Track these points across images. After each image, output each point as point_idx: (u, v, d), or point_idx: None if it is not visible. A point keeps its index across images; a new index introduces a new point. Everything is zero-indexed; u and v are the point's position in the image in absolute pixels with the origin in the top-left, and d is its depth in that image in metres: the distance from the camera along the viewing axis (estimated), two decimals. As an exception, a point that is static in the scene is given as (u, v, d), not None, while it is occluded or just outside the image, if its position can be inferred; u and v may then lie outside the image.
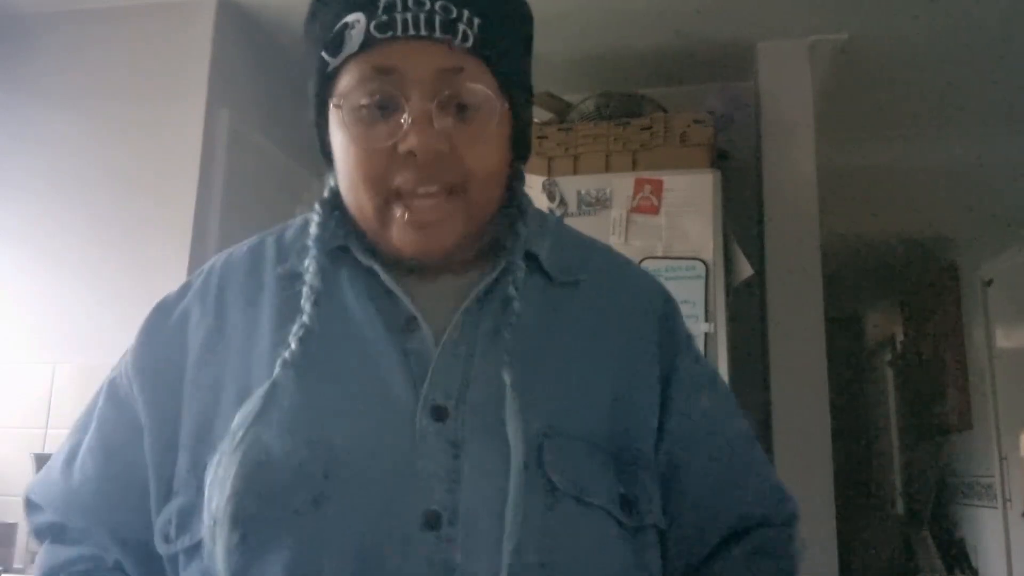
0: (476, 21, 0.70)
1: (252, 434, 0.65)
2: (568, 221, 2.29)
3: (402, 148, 0.69)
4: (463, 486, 0.65)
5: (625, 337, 0.77)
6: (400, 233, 0.72)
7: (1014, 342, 4.08)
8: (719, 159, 2.49)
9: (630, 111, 2.49)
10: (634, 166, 2.38)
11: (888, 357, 6.07)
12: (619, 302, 0.80)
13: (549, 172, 2.42)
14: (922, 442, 5.30)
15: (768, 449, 2.47)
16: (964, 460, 4.62)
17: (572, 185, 2.36)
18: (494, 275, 0.74)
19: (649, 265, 2.24)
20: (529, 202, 0.81)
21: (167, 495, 0.72)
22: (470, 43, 0.70)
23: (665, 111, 2.52)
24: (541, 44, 0.82)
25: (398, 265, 0.75)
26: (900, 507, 5.72)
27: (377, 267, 0.74)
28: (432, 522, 0.64)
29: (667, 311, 0.82)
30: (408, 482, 0.65)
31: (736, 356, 2.26)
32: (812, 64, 2.67)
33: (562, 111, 2.60)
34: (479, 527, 0.64)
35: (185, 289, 0.80)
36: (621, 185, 2.31)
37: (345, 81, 0.71)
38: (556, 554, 0.64)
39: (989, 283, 4.27)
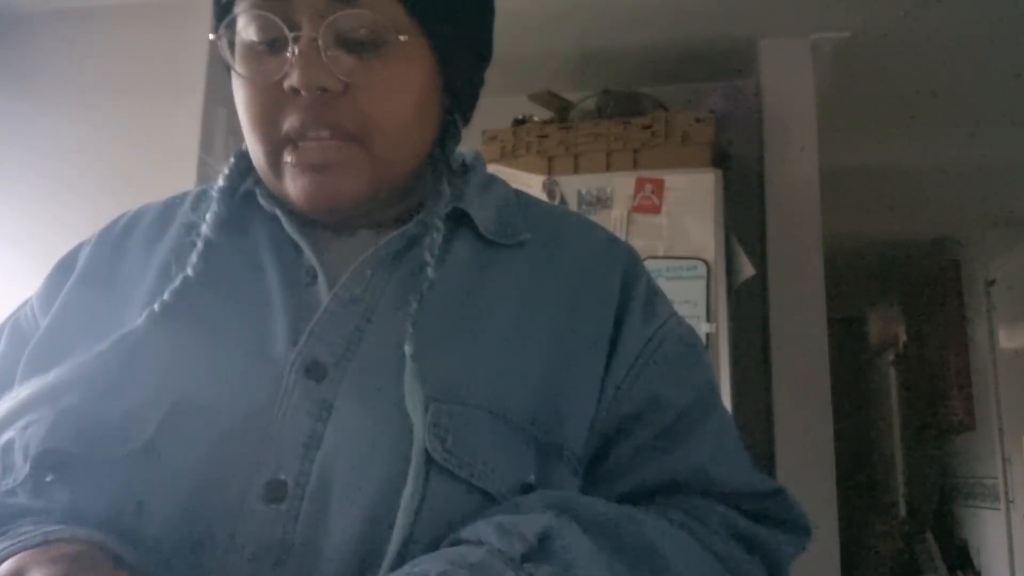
0: None
1: (87, 372, 0.58)
2: (568, 220, 2.33)
3: (286, 84, 0.61)
4: (322, 454, 0.55)
5: (572, 304, 0.67)
6: (292, 180, 0.63)
7: (1017, 342, 4.06)
8: (720, 158, 2.48)
9: (631, 110, 2.48)
10: (635, 165, 2.37)
11: (890, 358, 6.04)
12: (572, 263, 0.69)
13: (550, 171, 2.41)
14: (925, 443, 5.28)
15: (770, 451, 2.45)
16: (967, 461, 4.61)
17: (573, 184, 2.35)
18: (410, 231, 0.65)
19: (650, 265, 2.22)
20: (473, 163, 0.73)
21: None
22: None
23: (666, 109, 2.51)
24: (542, 43, 0.81)
25: (314, 221, 0.67)
26: (902, 508, 5.70)
27: (280, 213, 0.66)
28: (274, 494, 0.54)
29: (629, 270, 0.71)
30: (255, 445, 0.55)
31: (738, 357, 2.24)
32: (814, 62, 2.66)
33: (563, 110, 2.58)
34: (331, 503, 0.54)
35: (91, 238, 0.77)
36: (622, 184, 2.30)
37: (240, 22, 0.64)
38: (419, 545, 0.53)
39: (992, 283, 4.25)
